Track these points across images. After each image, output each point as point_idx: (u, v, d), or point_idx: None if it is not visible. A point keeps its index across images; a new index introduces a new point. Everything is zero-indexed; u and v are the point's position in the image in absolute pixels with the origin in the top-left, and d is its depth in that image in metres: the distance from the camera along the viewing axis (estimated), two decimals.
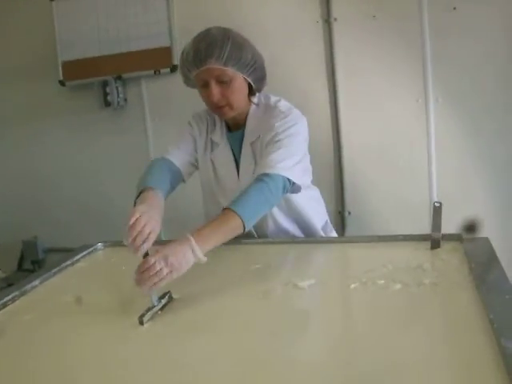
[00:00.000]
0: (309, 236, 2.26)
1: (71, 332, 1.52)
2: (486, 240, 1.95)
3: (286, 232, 2.24)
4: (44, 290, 1.93)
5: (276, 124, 2.06)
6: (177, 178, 2.21)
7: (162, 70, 3.58)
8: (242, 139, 2.17)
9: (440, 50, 3.09)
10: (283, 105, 2.15)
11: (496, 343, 1.23)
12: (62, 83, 3.82)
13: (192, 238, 1.65)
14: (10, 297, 1.81)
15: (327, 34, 3.18)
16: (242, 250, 2.12)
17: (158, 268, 1.56)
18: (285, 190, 1.99)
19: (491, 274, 1.65)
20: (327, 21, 3.17)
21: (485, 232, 1.91)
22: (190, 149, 2.26)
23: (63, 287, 1.94)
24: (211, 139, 2.26)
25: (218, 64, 1.95)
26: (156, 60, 3.59)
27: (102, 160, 3.83)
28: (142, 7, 3.57)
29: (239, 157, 2.19)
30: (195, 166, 2.29)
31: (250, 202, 1.87)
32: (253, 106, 2.17)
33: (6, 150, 4.09)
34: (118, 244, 2.34)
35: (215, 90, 1.99)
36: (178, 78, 3.55)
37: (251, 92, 2.13)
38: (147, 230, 1.66)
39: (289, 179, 1.98)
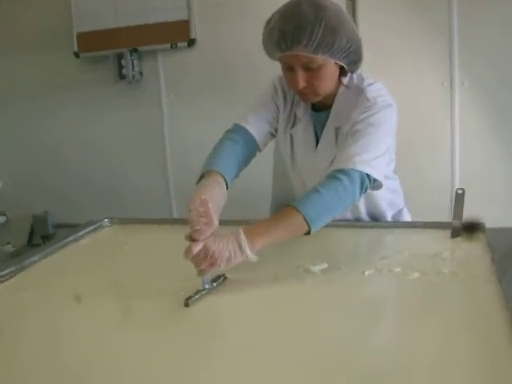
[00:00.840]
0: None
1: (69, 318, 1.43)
2: (510, 230, 1.86)
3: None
4: (42, 268, 1.82)
5: (357, 113, 1.83)
6: (251, 152, 1.97)
7: (179, 44, 3.49)
8: (326, 121, 1.95)
9: (467, 33, 2.99)
10: (372, 90, 1.87)
11: None
12: (76, 55, 3.74)
13: (242, 233, 1.50)
14: (5, 272, 1.72)
15: (351, 10, 3.06)
16: None
17: (200, 257, 1.46)
18: (363, 188, 1.73)
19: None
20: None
21: (506, 221, 1.80)
22: (271, 117, 2.01)
23: (62, 265, 1.84)
24: (295, 113, 2.01)
25: (306, 51, 1.68)
26: (173, 33, 3.50)
27: (115, 135, 3.75)
28: None
29: (320, 140, 1.97)
30: (273, 135, 2.05)
31: (318, 201, 1.63)
32: (342, 88, 1.90)
33: (18, 122, 4.02)
34: (125, 221, 2.28)
35: (301, 76, 1.75)
36: (195, 52, 3.55)
37: (342, 73, 1.86)
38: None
39: (368, 175, 1.72)
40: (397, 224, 1.98)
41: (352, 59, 1.78)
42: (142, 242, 2.05)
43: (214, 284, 1.52)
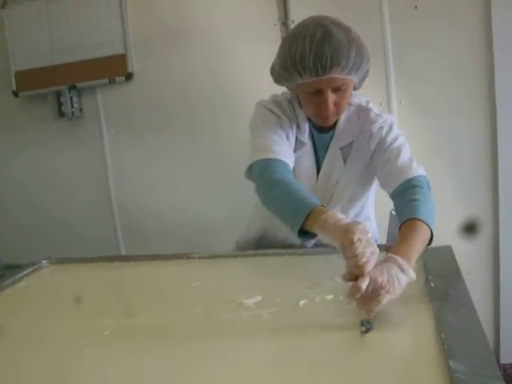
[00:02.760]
0: None
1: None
2: (449, 249, 1.85)
3: None
4: None
5: (376, 129, 1.93)
6: None
7: (117, 79, 3.46)
8: (329, 142, 1.98)
9: (402, 52, 2.99)
10: (373, 106, 2.02)
11: (445, 365, 1.15)
12: (15, 94, 3.69)
13: (399, 258, 1.44)
14: None
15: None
16: (182, 265, 2.04)
17: (368, 293, 1.36)
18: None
19: (449, 286, 1.57)
20: (285, 23, 3.07)
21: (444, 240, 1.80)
22: (287, 141, 1.95)
23: None
24: (297, 138, 1.98)
25: (342, 74, 1.71)
26: (111, 68, 3.47)
27: (57, 173, 3.70)
28: (94, 14, 3.45)
29: (322, 160, 2.00)
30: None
31: (426, 207, 1.68)
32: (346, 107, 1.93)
33: None
34: (65, 261, 2.23)
35: (330, 99, 1.76)
36: (133, 86, 3.53)
37: None
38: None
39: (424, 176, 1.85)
40: (328, 248, 1.96)
41: (365, 76, 1.86)
42: (81, 280, 2.01)
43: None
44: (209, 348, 1.34)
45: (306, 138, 1.98)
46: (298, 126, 1.98)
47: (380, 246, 1.47)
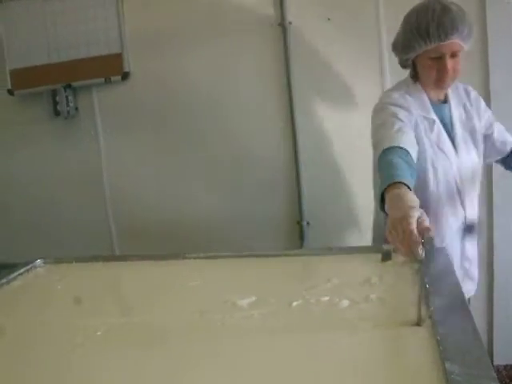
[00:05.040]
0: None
1: None
2: (444, 251, 1.86)
3: None
4: None
5: (482, 106, 2.23)
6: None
7: (113, 78, 3.44)
8: (450, 111, 2.15)
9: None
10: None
11: (441, 367, 1.14)
12: (10, 92, 3.67)
13: None
14: None
15: (282, 37, 3.06)
16: (178, 265, 2.04)
17: None
18: None
19: (444, 288, 1.56)
20: (281, 24, 3.06)
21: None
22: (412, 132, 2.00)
23: None
24: (423, 117, 2.09)
25: (460, 39, 1.94)
26: (107, 67, 3.45)
27: (51, 171, 3.67)
28: (91, 13, 3.43)
29: (452, 131, 2.12)
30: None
31: None
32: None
33: None
34: (60, 260, 2.22)
35: (450, 62, 1.97)
36: (129, 85, 3.52)
37: None
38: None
39: None
40: (326, 250, 1.96)
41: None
42: (76, 280, 2.01)
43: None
44: (200, 348, 1.34)
45: (432, 114, 2.10)
46: (418, 105, 2.09)
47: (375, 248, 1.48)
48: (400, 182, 1.59)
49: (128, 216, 3.50)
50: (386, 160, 1.75)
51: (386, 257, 1.81)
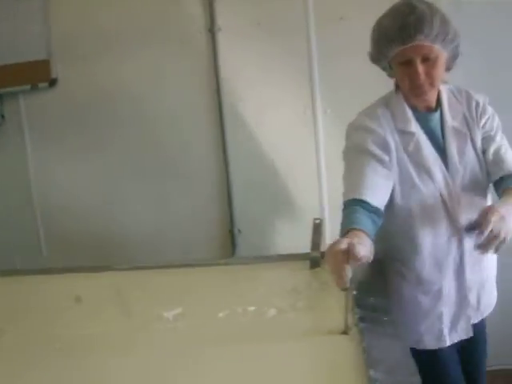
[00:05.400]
0: None
1: None
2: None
3: None
4: None
5: (482, 100, 1.95)
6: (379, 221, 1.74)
7: (40, 85, 3.36)
8: (438, 121, 1.92)
9: (327, 60, 2.99)
10: (475, 94, 1.99)
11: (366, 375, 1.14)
12: None
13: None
14: None
15: (211, 44, 3.04)
16: (103, 277, 1.98)
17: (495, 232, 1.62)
18: None
19: (372, 294, 1.57)
20: (211, 30, 3.04)
21: None
22: (385, 170, 1.83)
23: None
24: (401, 131, 1.89)
25: (427, 41, 1.75)
26: (34, 74, 3.36)
27: None
28: (18, 19, 3.35)
29: (442, 143, 1.90)
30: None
31: None
32: (442, 86, 1.92)
33: None
34: None
35: (420, 68, 1.77)
36: (57, 92, 3.44)
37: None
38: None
39: None
40: (254, 259, 1.95)
41: (455, 53, 1.84)
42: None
43: None
44: (123, 360, 1.32)
45: (412, 126, 1.90)
46: (397, 118, 1.91)
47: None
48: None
49: (58, 226, 3.42)
50: (345, 213, 1.71)
51: (314, 264, 1.80)
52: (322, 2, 2.97)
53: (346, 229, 1.57)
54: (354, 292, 1.49)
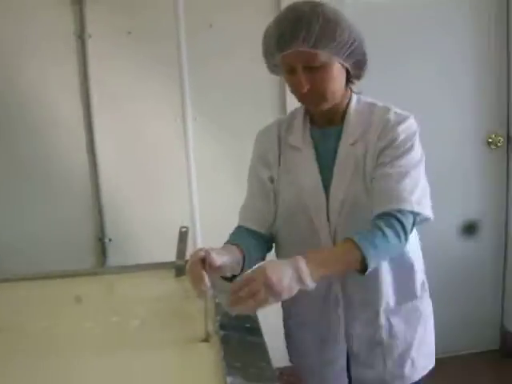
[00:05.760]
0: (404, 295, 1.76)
1: None
2: None
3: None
4: None
5: (392, 123, 1.65)
6: (265, 243, 1.75)
7: None
8: (338, 138, 1.69)
9: (197, 68, 3.03)
10: (395, 113, 1.69)
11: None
12: None
13: (303, 260, 1.38)
14: None
15: (81, 51, 3.00)
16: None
17: (255, 289, 1.32)
18: (413, 228, 1.60)
19: None
20: (81, 37, 3.00)
21: None
22: (264, 192, 1.78)
23: None
24: (289, 145, 1.75)
25: (305, 46, 1.53)
26: None
27: None
28: None
29: (331, 162, 1.68)
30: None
31: (381, 242, 1.50)
32: (354, 98, 1.71)
33: None
34: None
35: (302, 77, 1.56)
36: None
37: (348, 79, 1.68)
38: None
39: (418, 214, 1.58)
40: (121, 268, 1.96)
41: (357, 60, 1.63)
42: None
43: None
44: None
45: (299, 141, 1.75)
46: (288, 132, 1.78)
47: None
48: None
49: None
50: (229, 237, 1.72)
51: (180, 272, 1.83)
52: (191, 9, 3.01)
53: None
54: (216, 300, 1.53)
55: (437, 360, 1.83)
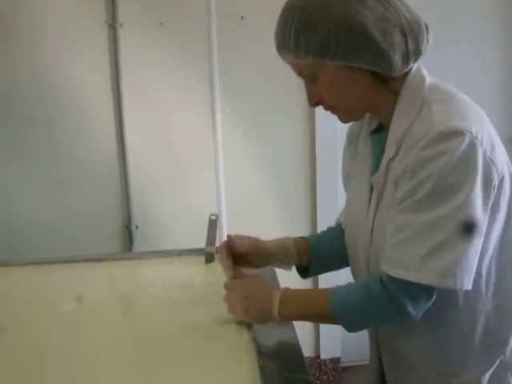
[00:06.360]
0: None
1: None
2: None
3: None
4: None
5: (411, 161, 1.23)
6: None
7: None
8: (384, 144, 1.36)
9: (227, 60, 3.06)
10: (444, 110, 1.27)
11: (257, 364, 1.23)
12: None
13: (278, 296, 1.36)
14: None
15: (112, 40, 3.03)
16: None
17: (235, 306, 1.41)
18: (419, 301, 1.26)
19: None
20: (112, 26, 3.03)
21: None
22: None
23: None
24: (356, 148, 1.53)
25: (290, 57, 1.32)
26: None
27: None
28: None
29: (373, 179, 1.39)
30: None
31: (357, 302, 1.31)
32: (401, 98, 1.33)
33: None
34: None
35: (307, 90, 1.37)
36: None
37: (380, 78, 1.31)
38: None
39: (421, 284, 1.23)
40: (151, 253, 1.99)
41: (363, 55, 1.26)
42: None
43: None
44: (29, 351, 1.34)
45: (361, 143, 1.51)
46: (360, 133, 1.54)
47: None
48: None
49: None
50: None
51: (209, 259, 1.86)
52: (223, 1, 3.04)
53: None
54: None
55: None
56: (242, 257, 1.57)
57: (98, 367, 1.28)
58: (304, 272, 1.64)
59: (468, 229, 1.15)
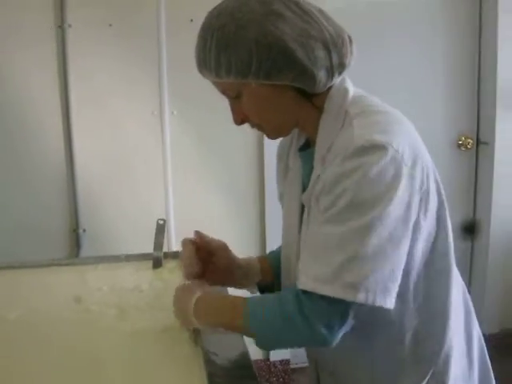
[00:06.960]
0: None
1: None
2: None
3: None
4: None
5: (329, 176, 1.20)
6: None
7: None
8: (312, 160, 1.32)
9: (177, 63, 3.06)
10: (365, 123, 1.23)
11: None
12: None
13: (193, 304, 1.34)
14: None
15: (61, 40, 3.00)
16: None
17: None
18: (338, 324, 1.18)
19: None
20: (61, 27, 3.00)
21: None
22: None
23: None
24: (287, 164, 1.50)
25: (212, 76, 1.27)
26: None
27: None
28: None
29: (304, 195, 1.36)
30: None
31: (271, 316, 1.23)
32: (325, 113, 1.29)
33: None
34: None
35: (230, 106, 1.34)
36: None
37: (306, 94, 1.27)
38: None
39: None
40: (98, 259, 1.97)
41: (285, 72, 1.21)
42: None
43: None
44: None
45: (291, 159, 1.48)
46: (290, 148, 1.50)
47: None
48: None
49: None
50: None
51: (157, 264, 1.86)
52: (173, 3, 3.05)
53: None
54: None
55: None
56: (208, 257, 1.53)
57: (42, 373, 1.28)
58: (267, 291, 1.57)
59: (384, 244, 1.13)
